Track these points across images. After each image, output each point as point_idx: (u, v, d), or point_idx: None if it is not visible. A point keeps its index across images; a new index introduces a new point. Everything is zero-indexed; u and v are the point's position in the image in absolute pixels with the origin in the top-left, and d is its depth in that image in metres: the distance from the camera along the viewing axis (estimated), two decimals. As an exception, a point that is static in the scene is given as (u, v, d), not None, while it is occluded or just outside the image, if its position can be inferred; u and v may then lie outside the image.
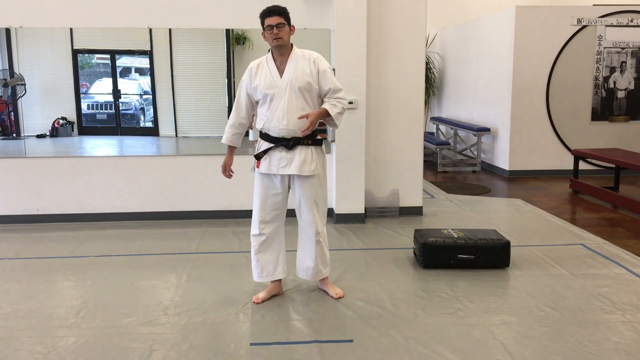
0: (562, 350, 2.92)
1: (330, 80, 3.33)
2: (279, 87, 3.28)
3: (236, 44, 6.90)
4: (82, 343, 3.02)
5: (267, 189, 3.42)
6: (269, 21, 3.25)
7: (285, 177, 3.39)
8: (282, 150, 3.33)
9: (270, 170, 3.36)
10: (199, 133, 7.33)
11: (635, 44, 7.95)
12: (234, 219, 5.47)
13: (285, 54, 3.33)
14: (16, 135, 7.00)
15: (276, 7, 3.30)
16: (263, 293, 3.59)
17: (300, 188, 3.39)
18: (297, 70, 3.29)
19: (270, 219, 3.47)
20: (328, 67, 3.36)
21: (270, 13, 3.26)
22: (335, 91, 3.34)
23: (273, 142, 3.35)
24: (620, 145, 7.92)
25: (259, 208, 3.46)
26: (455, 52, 10.00)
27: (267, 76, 3.31)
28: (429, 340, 3.03)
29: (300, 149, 3.33)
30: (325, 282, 3.66)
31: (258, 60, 3.41)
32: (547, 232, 5.13)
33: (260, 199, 3.45)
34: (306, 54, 3.35)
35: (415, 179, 5.67)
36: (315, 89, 3.33)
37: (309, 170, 3.34)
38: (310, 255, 3.53)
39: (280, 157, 3.34)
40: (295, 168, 3.32)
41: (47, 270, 4.19)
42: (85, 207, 5.45)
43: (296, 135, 3.31)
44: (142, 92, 7.96)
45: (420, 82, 5.58)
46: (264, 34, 3.31)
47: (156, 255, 4.50)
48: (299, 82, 3.27)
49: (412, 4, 5.40)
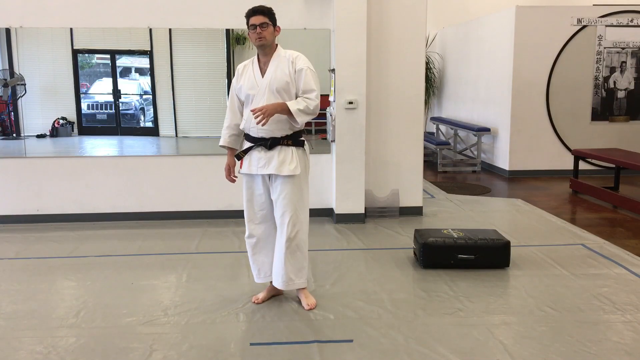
0: (562, 350, 2.92)
1: (305, 80, 3.28)
2: (260, 87, 3.28)
3: (236, 44, 6.90)
4: (82, 343, 3.02)
5: (251, 189, 3.42)
6: (253, 20, 3.25)
7: (265, 177, 3.36)
8: (261, 150, 3.31)
9: (250, 170, 3.36)
10: (199, 133, 7.31)
11: (635, 44, 7.95)
12: (234, 219, 5.46)
13: (269, 54, 3.32)
14: (16, 135, 7.00)
15: (261, 6, 3.29)
16: (263, 293, 3.59)
17: (278, 188, 3.32)
18: (277, 71, 3.28)
19: (259, 220, 3.45)
20: (306, 67, 3.29)
21: (254, 12, 3.26)
22: (306, 91, 3.28)
23: (253, 142, 3.34)
24: (620, 145, 7.92)
25: (246, 209, 3.46)
26: (455, 52, 9.99)
27: (250, 77, 3.33)
28: (429, 340, 3.03)
29: (279, 149, 3.30)
30: (301, 292, 3.51)
31: (246, 62, 3.43)
32: (547, 232, 5.13)
33: (246, 200, 3.44)
34: (287, 54, 3.33)
35: (415, 179, 5.67)
36: (294, 88, 3.30)
37: (287, 170, 3.27)
38: (279, 262, 3.38)
39: (259, 157, 3.32)
40: (274, 168, 3.28)
41: (47, 270, 4.19)
42: (85, 207, 5.45)
43: (275, 136, 3.29)
44: (142, 92, 7.95)
45: (420, 82, 5.58)
46: (249, 33, 3.30)
47: (156, 255, 4.50)
48: (277, 82, 3.26)
49: (412, 4, 5.40)
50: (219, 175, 5.50)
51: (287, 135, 3.31)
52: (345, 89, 5.24)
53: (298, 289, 3.50)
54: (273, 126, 3.25)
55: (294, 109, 3.20)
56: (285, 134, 3.30)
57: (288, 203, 3.30)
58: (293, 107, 3.20)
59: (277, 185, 3.32)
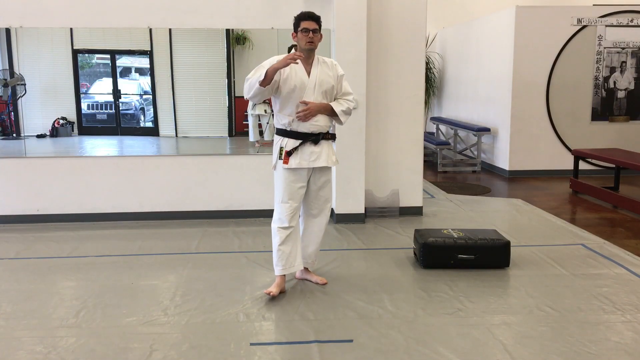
0: (562, 350, 2.92)
1: (344, 84, 3.68)
2: (309, 86, 3.52)
3: (236, 44, 6.90)
4: (82, 343, 3.02)
5: (294, 183, 3.59)
6: (307, 25, 3.51)
7: (309, 170, 3.61)
8: (311, 145, 3.56)
9: (300, 165, 3.55)
10: (199, 133, 7.32)
11: (635, 44, 7.95)
12: (234, 219, 5.47)
13: (311, 57, 3.58)
14: (16, 135, 7.00)
15: (314, 13, 3.58)
16: (275, 287, 3.63)
17: (322, 179, 3.67)
18: (323, 74, 3.57)
19: (295, 212, 3.65)
20: (344, 73, 3.69)
21: (309, 17, 3.54)
22: (346, 93, 3.68)
23: (301, 139, 3.54)
24: (620, 145, 7.92)
25: (287, 202, 3.60)
26: (455, 52, 10.00)
27: (297, 72, 3.51)
28: (429, 340, 3.03)
29: (324, 143, 3.61)
30: (310, 272, 3.91)
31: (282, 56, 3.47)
32: (547, 232, 5.13)
33: (288, 194, 3.59)
34: (327, 60, 3.66)
35: (415, 179, 5.67)
36: (335, 92, 3.64)
37: (332, 161, 3.65)
38: (314, 242, 3.79)
39: (311, 152, 3.56)
40: (324, 160, 3.59)
41: (47, 270, 4.19)
42: (85, 207, 5.45)
43: (322, 131, 3.59)
44: (142, 92, 7.96)
45: (420, 82, 5.58)
46: (297, 35, 3.54)
47: (156, 255, 4.50)
48: (325, 84, 3.56)
49: (412, 4, 5.40)
50: (219, 175, 5.53)
51: (328, 131, 3.66)
52: (345, 89, 5.24)
53: (306, 270, 3.87)
54: (323, 122, 3.58)
55: (338, 110, 3.60)
56: (328, 129, 3.65)
57: (329, 190, 3.75)
58: (338, 108, 3.60)
59: (322, 176, 3.67)
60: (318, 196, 3.70)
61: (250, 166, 5.53)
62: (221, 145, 7.11)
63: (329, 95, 3.61)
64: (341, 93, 3.66)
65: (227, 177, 5.51)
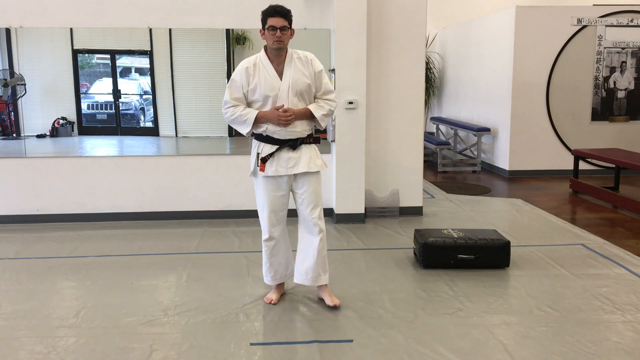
0: (562, 350, 2.92)
1: (324, 81, 3.36)
2: (281, 90, 3.25)
3: (236, 44, 6.90)
4: (82, 343, 3.02)
5: (273, 192, 3.37)
6: (273, 22, 3.19)
7: (290, 177, 3.36)
8: (288, 151, 3.32)
9: (278, 172, 3.32)
10: (199, 133, 7.31)
11: (635, 44, 7.95)
12: (234, 219, 5.47)
13: (282, 55, 3.29)
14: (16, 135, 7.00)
15: (282, 8, 3.24)
16: (275, 294, 3.57)
17: (306, 185, 3.37)
18: (296, 73, 3.27)
19: (277, 222, 3.45)
20: (322, 68, 3.37)
21: (275, 13, 3.20)
22: (326, 92, 3.37)
23: (277, 144, 3.30)
24: (620, 145, 7.92)
25: (267, 212, 3.40)
26: (455, 52, 9.99)
27: (266, 78, 3.26)
28: (429, 340, 3.03)
29: (304, 148, 3.35)
30: (324, 290, 3.52)
31: (252, 60, 3.32)
32: (547, 232, 5.13)
33: (267, 203, 3.38)
34: (301, 54, 3.34)
35: (415, 179, 5.67)
36: (314, 89, 3.35)
37: (316, 165, 3.36)
38: (311, 256, 3.42)
39: (288, 158, 3.31)
40: (304, 166, 3.32)
41: (47, 270, 4.19)
42: (85, 207, 5.45)
43: (302, 136, 3.33)
44: (142, 92, 7.95)
45: (420, 82, 5.58)
46: (264, 32, 3.26)
47: (156, 255, 4.50)
48: (299, 85, 3.27)
49: (412, 4, 5.40)
50: (219, 175, 5.53)
51: (310, 134, 3.38)
52: (345, 89, 5.24)
53: (320, 286, 3.51)
54: (301, 127, 3.31)
55: (318, 115, 3.31)
56: (308, 133, 3.36)
57: (317, 197, 3.40)
58: (318, 113, 3.31)
59: (305, 182, 3.37)
60: (304, 203, 3.39)
61: (250, 166, 5.52)
62: (221, 145, 7.11)
63: (306, 96, 3.31)
64: (321, 92, 3.35)
65: (227, 177, 5.51)
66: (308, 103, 3.35)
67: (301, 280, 3.49)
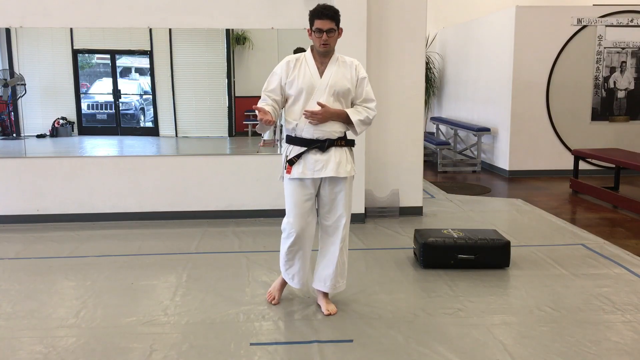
0: (562, 350, 2.92)
1: (366, 89, 3.26)
2: (318, 86, 3.16)
3: (236, 44, 6.90)
4: (82, 343, 3.02)
5: (300, 196, 3.23)
6: (320, 24, 3.09)
7: (317, 180, 3.23)
8: (316, 153, 3.17)
9: (304, 175, 3.18)
10: (199, 133, 7.31)
11: (635, 44, 7.95)
12: (234, 219, 5.47)
13: (328, 56, 3.21)
14: (16, 135, 7.00)
15: (329, 9, 3.11)
16: (277, 293, 3.53)
17: (333, 191, 3.24)
18: (338, 74, 3.18)
19: (305, 228, 3.29)
20: (366, 76, 3.28)
21: (322, 15, 3.09)
22: (367, 100, 3.26)
23: (305, 145, 3.18)
24: (620, 145, 7.92)
25: (292, 216, 3.27)
26: (455, 52, 9.99)
27: (306, 73, 3.17)
28: (429, 340, 3.03)
29: (334, 150, 3.20)
30: (322, 297, 3.42)
31: (298, 55, 3.24)
32: (547, 232, 5.13)
33: (294, 208, 3.25)
34: (347, 59, 3.26)
35: (415, 179, 5.67)
36: (352, 95, 3.25)
37: (345, 171, 3.21)
38: (331, 263, 3.33)
39: (316, 160, 3.17)
40: (332, 170, 3.17)
41: (47, 270, 4.19)
42: (85, 207, 5.45)
43: (331, 137, 3.18)
44: (142, 92, 7.95)
45: (420, 82, 5.58)
46: (311, 33, 3.16)
47: (156, 255, 4.50)
48: (338, 86, 3.17)
49: (412, 4, 5.40)
50: (219, 175, 5.53)
51: (340, 137, 3.23)
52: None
53: (320, 292, 3.42)
54: (331, 128, 3.17)
55: (355, 119, 3.17)
56: (339, 135, 3.22)
57: (344, 205, 3.27)
58: (355, 117, 3.18)
59: (332, 188, 3.24)
60: (330, 210, 3.28)
61: (250, 166, 5.53)
62: (221, 145, 7.11)
63: (343, 99, 3.20)
64: (361, 99, 3.23)
65: (227, 177, 5.51)
66: (345, 107, 3.23)
67: (319, 286, 3.40)
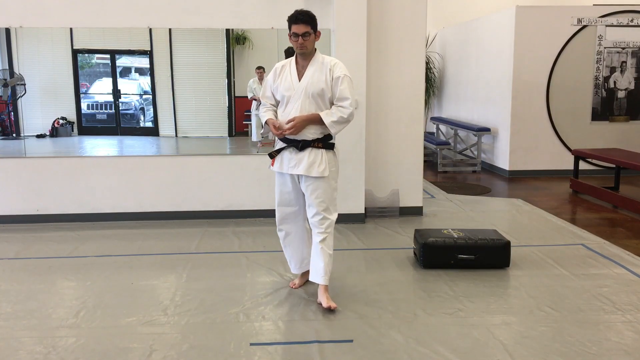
0: (562, 350, 2.92)
1: (340, 88, 3.36)
2: (296, 90, 3.36)
3: (236, 44, 6.91)
4: (82, 343, 3.02)
5: (280, 187, 3.56)
6: (295, 29, 3.31)
7: (295, 176, 3.47)
8: (292, 151, 3.41)
9: (281, 169, 3.48)
10: (199, 133, 7.32)
11: (635, 44, 7.95)
12: (234, 219, 5.47)
13: (308, 59, 3.41)
14: (16, 135, 7.00)
15: (304, 14, 3.33)
16: (298, 279, 3.76)
17: (309, 189, 3.42)
18: (314, 76, 3.36)
19: (286, 216, 3.59)
20: (343, 74, 3.38)
21: (297, 20, 3.31)
22: (340, 99, 3.36)
23: (286, 143, 3.43)
24: (620, 145, 7.92)
25: (276, 205, 3.60)
26: (455, 52, 10.00)
27: (287, 78, 3.41)
28: (429, 340, 3.03)
29: (309, 151, 3.38)
30: (323, 291, 3.46)
31: (285, 61, 3.51)
32: (547, 232, 5.13)
33: (277, 196, 3.59)
34: (326, 60, 3.42)
35: (415, 179, 5.67)
36: (329, 95, 3.39)
37: (317, 171, 3.36)
38: (317, 256, 3.45)
39: (290, 158, 3.42)
40: (303, 169, 3.38)
41: (47, 270, 4.19)
42: (85, 207, 5.45)
43: (306, 138, 3.38)
44: (142, 92, 7.96)
45: (420, 82, 5.58)
46: (290, 38, 3.36)
47: (156, 255, 4.50)
48: (313, 87, 3.34)
49: (412, 4, 5.40)
50: (219, 175, 5.53)
51: (318, 138, 3.40)
52: (345, 89, 5.23)
53: (320, 288, 3.47)
54: (306, 131, 3.37)
55: (327, 121, 3.33)
56: (316, 137, 3.39)
57: (320, 204, 3.41)
58: (327, 120, 3.33)
59: (308, 186, 3.43)
60: (309, 206, 3.44)
61: (250, 166, 5.53)
62: (221, 145, 7.11)
63: (320, 100, 3.36)
64: (336, 98, 3.36)
65: (227, 177, 5.51)
66: (324, 108, 3.39)
67: (313, 278, 3.51)
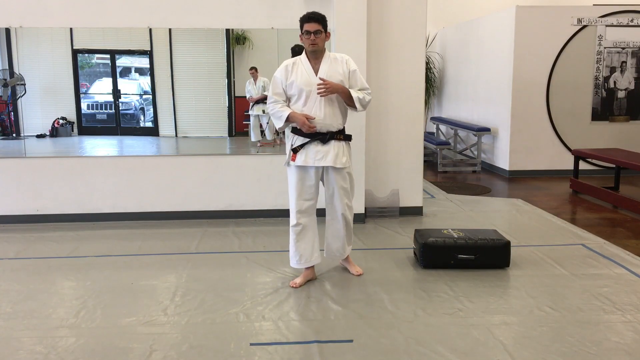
0: (562, 350, 2.92)
1: (359, 79, 3.68)
2: (315, 83, 3.52)
3: (236, 44, 6.90)
4: (82, 343, 3.02)
5: (302, 181, 3.68)
6: (308, 27, 3.52)
7: (319, 169, 3.67)
8: (317, 144, 3.61)
9: (306, 163, 3.62)
10: (199, 133, 7.31)
11: (635, 44, 7.95)
12: (234, 219, 5.47)
13: (320, 57, 3.62)
14: (16, 135, 7.00)
15: (316, 14, 3.56)
16: (300, 278, 3.80)
17: (333, 179, 3.70)
18: (331, 70, 3.59)
19: (305, 209, 3.73)
20: (357, 68, 3.69)
21: (309, 19, 3.53)
22: (362, 88, 3.68)
23: (309, 137, 3.60)
24: (620, 145, 7.92)
25: (295, 199, 3.71)
26: (455, 52, 9.99)
27: (303, 73, 3.58)
28: (429, 340, 3.03)
29: (333, 143, 3.64)
30: (348, 260, 4.03)
31: (292, 59, 3.67)
32: (547, 232, 5.13)
33: (296, 191, 3.70)
34: (338, 56, 3.67)
35: (415, 179, 5.67)
36: (347, 86, 3.61)
37: (341, 162, 3.65)
38: (339, 239, 3.87)
39: (317, 151, 3.62)
40: (331, 160, 3.62)
41: (47, 270, 4.19)
42: (85, 207, 5.45)
43: (331, 130, 3.62)
44: (142, 92, 7.95)
45: (420, 82, 5.58)
46: (302, 37, 3.57)
47: (156, 255, 4.50)
48: (332, 79, 3.54)
49: (412, 4, 5.40)
50: (219, 175, 5.53)
51: (339, 130, 3.67)
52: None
53: (344, 259, 4.02)
54: (330, 121, 3.60)
55: (355, 95, 3.58)
56: (338, 128, 3.66)
57: (345, 191, 3.75)
58: (354, 94, 3.59)
59: (333, 177, 3.70)
60: (333, 195, 3.75)
61: (250, 166, 5.53)
62: (221, 145, 7.11)
63: None
64: (357, 88, 3.65)
65: (227, 177, 5.51)
66: (341, 101, 3.64)
67: (331, 257, 3.98)
